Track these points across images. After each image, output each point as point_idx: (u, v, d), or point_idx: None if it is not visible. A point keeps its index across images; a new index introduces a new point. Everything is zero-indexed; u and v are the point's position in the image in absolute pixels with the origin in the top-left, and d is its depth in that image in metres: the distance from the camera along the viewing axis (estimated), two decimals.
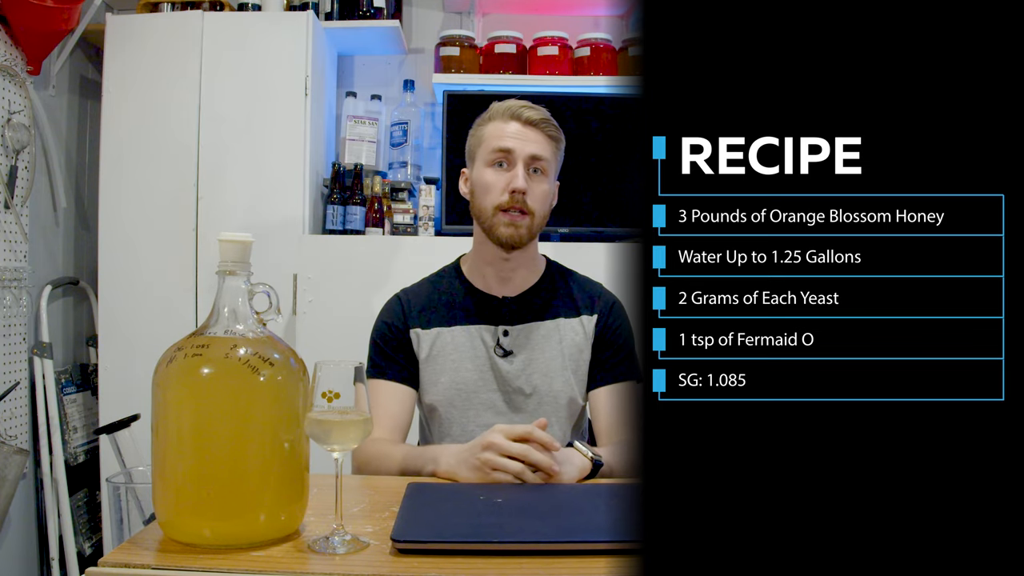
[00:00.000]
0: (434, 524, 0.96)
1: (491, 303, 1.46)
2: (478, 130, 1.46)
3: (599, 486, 1.20)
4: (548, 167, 1.43)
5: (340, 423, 0.90)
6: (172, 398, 0.91)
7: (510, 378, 1.43)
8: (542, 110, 1.44)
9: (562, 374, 1.44)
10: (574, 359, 1.45)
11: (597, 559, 0.88)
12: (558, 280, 1.52)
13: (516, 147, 1.40)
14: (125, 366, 2.20)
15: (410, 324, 1.46)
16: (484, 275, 1.48)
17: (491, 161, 1.41)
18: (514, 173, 1.39)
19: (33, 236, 2.23)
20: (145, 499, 1.32)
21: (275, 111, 2.26)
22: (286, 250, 2.15)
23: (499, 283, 1.47)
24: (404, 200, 2.39)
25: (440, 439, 1.45)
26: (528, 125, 1.41)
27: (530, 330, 1.45)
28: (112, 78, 2.25)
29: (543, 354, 1.44)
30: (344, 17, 2.47)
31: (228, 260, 0.95)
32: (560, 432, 1.44)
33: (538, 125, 1.42)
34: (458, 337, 1.45)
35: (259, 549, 0.89)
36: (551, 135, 1.44)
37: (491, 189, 1.41)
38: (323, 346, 2.05)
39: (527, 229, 1.41)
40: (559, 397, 1.43)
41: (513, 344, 1.44)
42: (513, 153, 1.40)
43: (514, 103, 1.43)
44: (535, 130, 1.42)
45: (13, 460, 2.01)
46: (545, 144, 1.42)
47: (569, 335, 1.46)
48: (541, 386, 1.43)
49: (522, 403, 1.43)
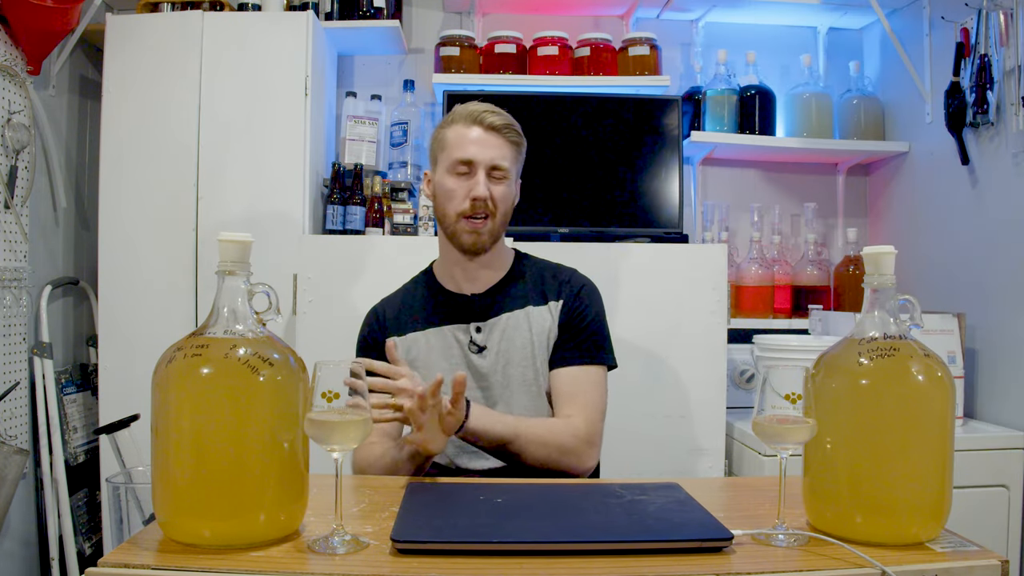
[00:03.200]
0: (434, 524, 0.96)
1: (460, 301, 1.49)
2: (440, 133, 1.48)
3: (599, 486, 1.20)
4: (509, 171, 1.45)
5: (340, 423, 0.90)
6: (172, 398, 0.91)
7: (486, 373, 1.45)
8: (504, 115, 1.46)
9: (532, 362, 1.46)
10: (543, 345, 1.47)
11: (597, 559, 0.88)
12: (526, 271, 1.54)
13: (477, 156, 1.42)
14: (125, 366, 2.20)
15: (387, 334, 1.49)
16: (453, 275, 1.51)
17: (453, 170, 1.44)
18: (475, 181, 1.42)
19: (33, 236, 2.23)
20: (145, 499, 1.33)
21: (275, 111, 2.26)
22: (286, 250, 2.15)
23: (467, 281, 1.51)
24: (404, 200, 2.39)
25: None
26: (490, 130, 1.43)
27: (500, 323, 1.47)
28: (112, 78, 2.25)
29: (514, 343, 1.46)
30: (344, 17, 2.47)
31: (228, 260, 0.95)
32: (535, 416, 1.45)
33: (500, 130, 1.44)
34: (432, 340, 1.48)
35: (259, 549, 0.89)
36: (513, 140, 1.46)
37: (453, 196, 1.44)
38: (323, 346, 2.05)
39: (489, 234, 1.44)
40: (532, 385, 1.45)
41: (486, 339, 1.47)
42: (474, 163, 1.42)
43: (476, 107, 1.45)
44: (497, 135, 1.44)
45: (13, 460, 2.01)
46: (506, 150, 1.44)
47: (538, 322, 1.48)
48: (515, 376, 1.45)
49: (499, 395, 1.45)
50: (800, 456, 1.02)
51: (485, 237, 1.44)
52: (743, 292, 2.56)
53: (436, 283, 1.54)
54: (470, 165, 1.42)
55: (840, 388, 0.97)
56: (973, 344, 2.20)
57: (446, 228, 1.47)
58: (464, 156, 1.42)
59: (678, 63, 2.72)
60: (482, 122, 1.43)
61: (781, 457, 0.96)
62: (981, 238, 2.21)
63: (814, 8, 2.61)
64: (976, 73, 2.13)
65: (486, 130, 1.43)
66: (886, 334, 0.97)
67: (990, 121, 2.13)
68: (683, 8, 2.63)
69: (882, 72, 2.69)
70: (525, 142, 1.50)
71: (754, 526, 0.98)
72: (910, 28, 2.49)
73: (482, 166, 1.42)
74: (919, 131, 2.49)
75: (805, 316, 2.50)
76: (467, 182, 1.43)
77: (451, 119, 1.47)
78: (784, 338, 2.14)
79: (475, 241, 1.44)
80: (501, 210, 1.45)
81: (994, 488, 1.99)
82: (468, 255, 1.47)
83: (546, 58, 2.52)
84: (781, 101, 2.65)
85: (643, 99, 2.41)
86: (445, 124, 1.47)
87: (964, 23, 2.19)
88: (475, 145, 1.42)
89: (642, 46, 2.51)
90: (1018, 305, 2.05)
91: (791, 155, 2.69)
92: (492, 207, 1.43)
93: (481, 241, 1.44)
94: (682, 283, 2.14)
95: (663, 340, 2.11)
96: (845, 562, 0.87)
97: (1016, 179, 2.07)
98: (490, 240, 1.45)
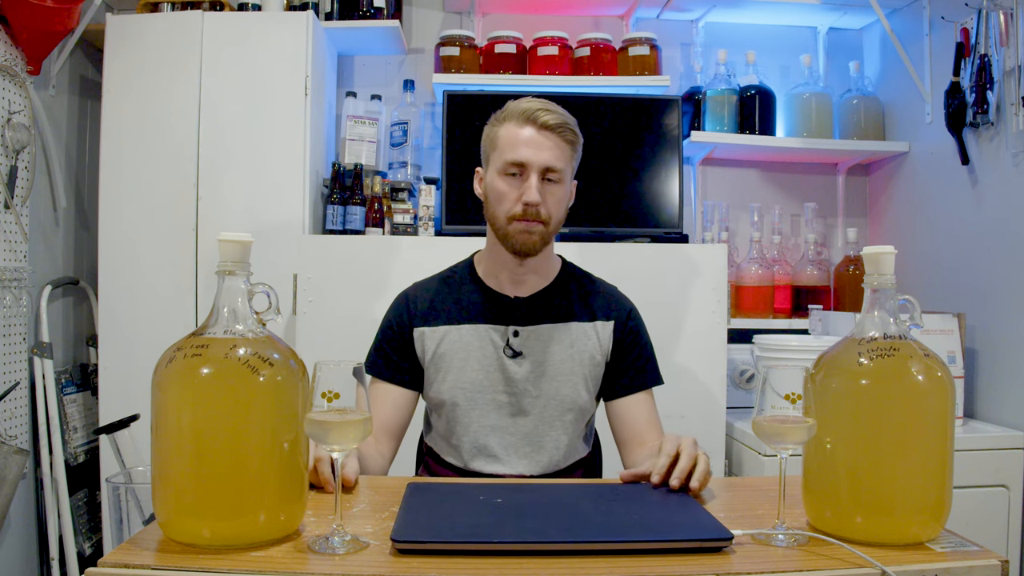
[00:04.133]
0: (434, 524, 0.96)
1: (503, 302, 1.44)
2: (492, 130, 1.41)
3: (598, 486, 1.20)
4: (563, 174, 1.38)
5: (340, 423, 0.90)
6: (172, 398, 0.91)
7: (517, 380, 1.41)
8: (559, 113, 1.37)
9: (570, 379, 1.42)
10: (585, 365, 1.43)
11: (596, 559, 0.88)
12: (573, 283, 1.49)
13: (530, 159, 1.34)
14: (125, 366, 2.20)
15: (414, 323, 1.45)
16: (498, 276, 1.46)
17: (504, 171, 1.37)
18: (528, 185, 1.34)
19: (33, 236, 2.23)
20: (145, 499, 1.32)
21: (275, 111, 2.26)
22: (286, 250, 2.15)
23: (512, 285, 1.45)
24: (404, 200, 2.39)
25: (446, 435, 1.45)
26: (544, 130, 1.35)
27: (541, 332, 1.43)
28: (112, 78, 2.25)
29: (553, 357, 1.42)
30: (344, 17, 2.47)
31: (228, 260, 0.95)
32: (565, 436, 1.43)
33: (554, 130, 1.36)
34: (466, 336, 1.43)
35: (259, 549, 0.89)
36: (568, 140, 1.38)
37: (504, 199, 1.37)
38: (323, 346, 2.05)
39: (541, 236, 1.38)
40: (565, 401, 1.42)
41: (523, 345, 1.42)
42: (527, 165, 1.35)
43: (530, 104, 1.37)
44: (551, 135, 1.36)
45: (13, 460, 2.01)
46: (560, 151, 1.36)
47: (581, 339, 1.44)
48: (548, 390, 1.41)
49: (528, 405, 1.41)
50: (800, 456, 1.02)
51: (536, 238, 1.37)
52: (743, 292, 2.56)
53: (478, 278, 1.47)
54: (522, 167, 1.35)
55: (840, 388, 0.97)
56: (973, 344, 2.20)
57: (497, 230, 1.40)
58: (516, 158, 1.35)
59: (678, 63, 2.72)
60: (535, 121, 1.35)
61: (781, 457, 0.96)
62: (981, 238, 2.21)
63: (814, 8, 2.61)
64: (976, 73, 2.13)
65: (539, 129, 1.35)
66: (886, 334, 0.97)
67: (990, 121, 2.13)
68: (683, 8, 2.63)
69: (882, 72, 2.69)
70: (582, 139, 1.42)
71: (754, 526, 0.98)
72: (910, 28, 2.49)
73: (535, 168, 1.34)
74: (919, 131, 2.49)
75: (805, 316, 2.50)
76: (519, 185, 1.36)
77: (503, 116, 1.39)
78: (784, 338, 2.14)
79: (526, 241, 1.37)
80: (555, 217, 1.38)
81: (994, 488, 1.99)
82: (519, 257, 1.40)
83: (546, 58, 2.52)
84: (781, 101, 2.65)
85: (643, 99, 2.41)
86: (497, 122, 1.40)
87: (964, 23, 2.19)
88: (528, 146, 1.34)
89: (642, 46, 2.51)
90: (1018, 305, 2.05)
91: (791, 155, 2.69)
92: (545, 212, 1.36)
93: (532, 242, 1.37)
94: (682, 283, 2.14)
95: (663, 340, 2.10)
96: (845, 562, 0.87)
97: (1016, 179, 2.07)
98: (541, 243, 1.39)
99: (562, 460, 1.43)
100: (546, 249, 1.43)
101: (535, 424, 1.41)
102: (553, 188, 1.37)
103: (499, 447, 1.41)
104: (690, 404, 2.10)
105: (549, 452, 1.41)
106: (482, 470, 1.41)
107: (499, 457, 1.40)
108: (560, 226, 1.43)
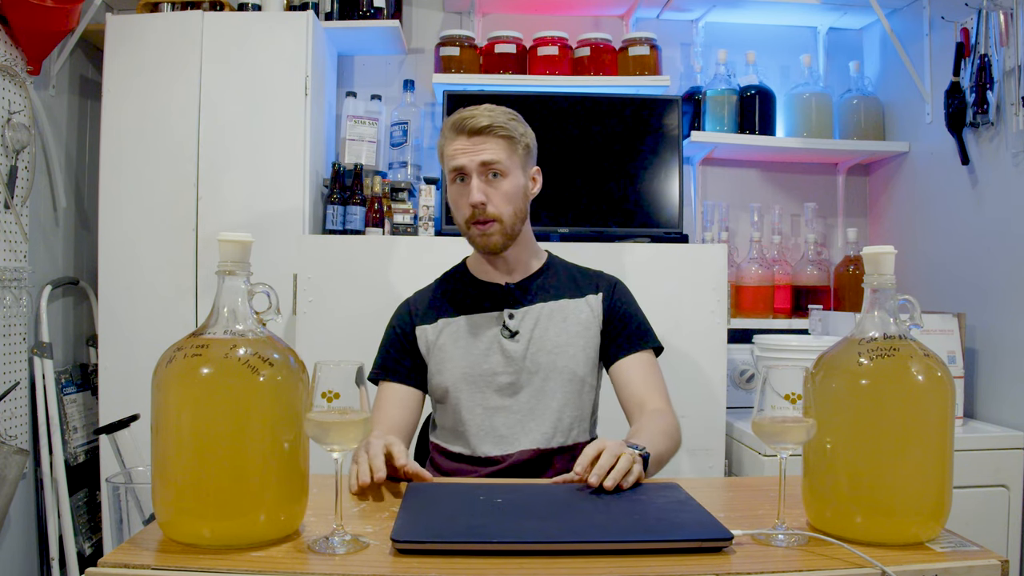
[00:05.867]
0: (434, 524, 0.96)
1: (496, 290, 1.52)
2: (439, 146, 1.50)
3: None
4: (506, 167, 1.43)
5: (340, 423, 0.90)
6: (172, 398, 0.91)
7: (516, 357, 1.46)
8: (488, 114, 1.43)
9: (567, 351, 1.48)
10: (581, 336, 1.49)
11: (597, 559, 0.88)
12: (560, 269, 1.58)
13: (466, 162, 1.43)
14: (125, 366, 2.20)
15: (416, 323, 1.53)
16: (486, 269, 1.54)
17: (452, 180, 1.46)
18: (469, 187, 1.42)
19: (33, 236, 2.23)
20: (145, 499, 1.33)
21: (275, 111, 2.26)
22: (286, 250, 2.15)
23: (501, 273, 1.53)
24: (404, 200, 2.39)
25: (453, 425, 1.49)
26: (474, 135, 1.42)
27: (534, 311, 1.50)
28: (112, 78, 2.25)
29: (547, 332, 1.48)
30: (344, 17, 2.47)
31: (228, 260, 0.95)
32: (570, 408, 1.47)
33: (484, 132, 1.42)
34: (464, 325, 1.50)
35: (259, 549, 0.89)
36: (501, 135, 1.43)
37: (458, 206, 1.46)
38: (323, 346, 2.05)
39: (499, 234, 1.45)
40: (563, 373, 1.47)
41: (519, 325, 1.48)
42: (466, 168, 1.43)
43: (460, 114, 1.44)
44: (481, 137, 1.42)
45: (13, 460, 2.01)
46: (496, 147, 1.43)
47: (574, 313, 1.51)
48: (546, 363, 1.47)
49: (528, 381, 1.47)
50: (800, 456, 1.02)
51: (496, 238, 1.45)
52: (743, 292, 2.56)
53: (470, 275, 1.56)
54: (463, 172, 1.43)
55: (840, 388, 0.97)
56: (973, 344, 2.20)
57: (464, 236, 1.50)
58: (455, 165, 1.44)
59: (678, 63, 2.72)
60: (464, 129, 1.43)
61: (781, 457, 0.96)
62: (981, 238, 2.20)
63: (814, 8, 2.61)
64: (976, 73, 2.13)
65: (470, 136, 1.42)
66: (886, 334, 0.98)
67: (990, 121, 2.13)
68: (683, 8, 2.63)
69: (882, 72, 2.69)
70: (524, 130, 1.48)
71: (754, 526, 0.98)
72: (910, 28, 2.49)
73: (473, 170, 1.42)
74: (919, 131, 2.49)
75: (805, 316, 2.50)
76: (465, 189, 1.44)
77: (443, 130, 1.48)
78: (784, 338, 2.14)
79: (487, 243, 1.45)
80: (508, 212, 1.44)
81: (994, 488, 1.99)
82: (492, 255, 1.49)
83: (546, 58, 2.52)
84: (781, 101, 2.65)
85: (643, 99, 2.41)
86: (441, 135, 1.49)
87: (964, 23, 2.19)
88: (463, 153, 1.43)
89: (642, 46, 2.51)
90: (1018, 305, 2.05)
91: (791, 155, 2.69)
92: (494, 209, 1.43)
93: (492, 242, 1.45)
94: (682, 283, 2.14)
95: (663, 340, 2.10)
96: (845, 562, 0.87)
97: (1016, 179, 2.07)
98: (503, 239, 1.45)
99: (567, 432, 1.46)
100: (522, 242, 1.51)
101: (537, 397, 1.46)
102: (499, 183, 1.44)
103: (504, 426, 1.45)
104: (690, 404, 2.09)
105: (552, 423, 1.45)
106: (491, 454, 1.45)
107: (505, 436, 1.45)
108: (520, 217, 1.48)
